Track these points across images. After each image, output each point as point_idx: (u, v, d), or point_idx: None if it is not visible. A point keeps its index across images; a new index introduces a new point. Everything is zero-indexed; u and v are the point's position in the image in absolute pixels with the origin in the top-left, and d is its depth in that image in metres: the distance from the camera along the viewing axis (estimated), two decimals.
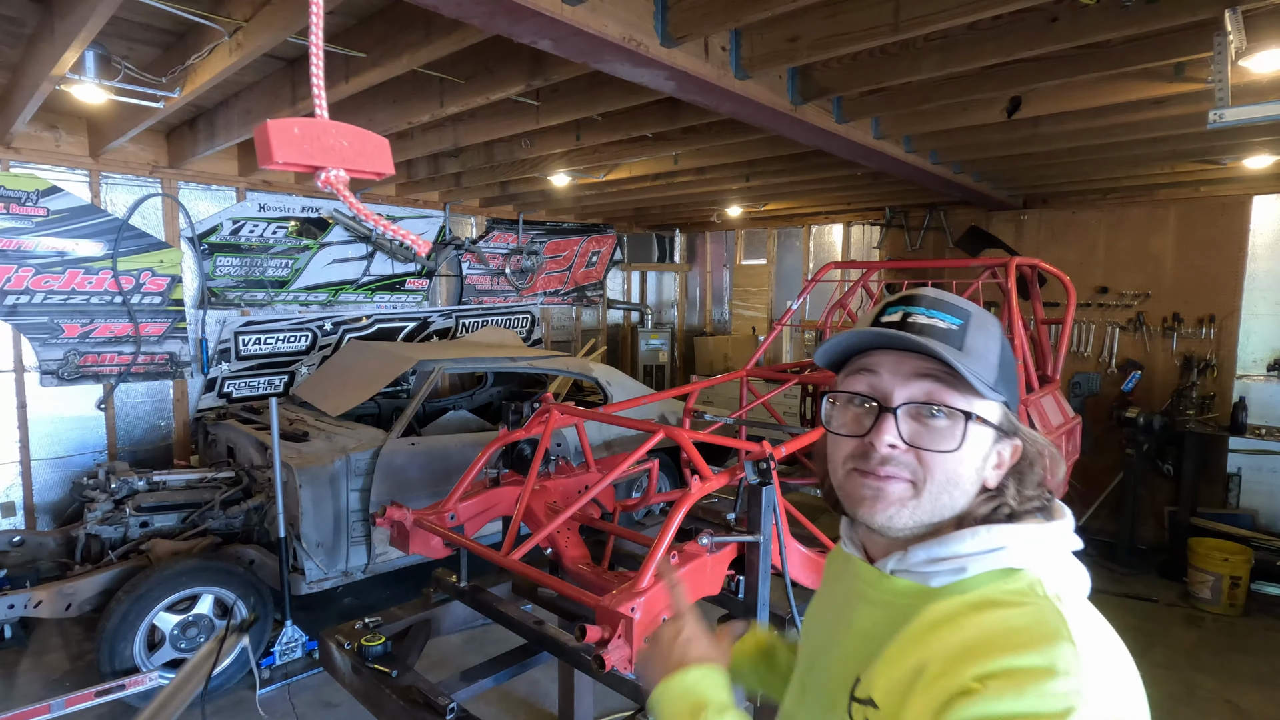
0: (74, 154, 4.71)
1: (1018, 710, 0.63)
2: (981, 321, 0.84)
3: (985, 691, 0.65)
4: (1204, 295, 5.54)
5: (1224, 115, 2.53)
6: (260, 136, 0.83)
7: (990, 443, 0.82)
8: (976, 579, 0.78)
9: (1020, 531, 0.80)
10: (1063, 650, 0.66)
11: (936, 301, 0.84)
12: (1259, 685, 3.88)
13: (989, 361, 0.82)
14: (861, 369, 0.85)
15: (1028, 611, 0.72)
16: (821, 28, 2.60)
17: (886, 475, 0.81)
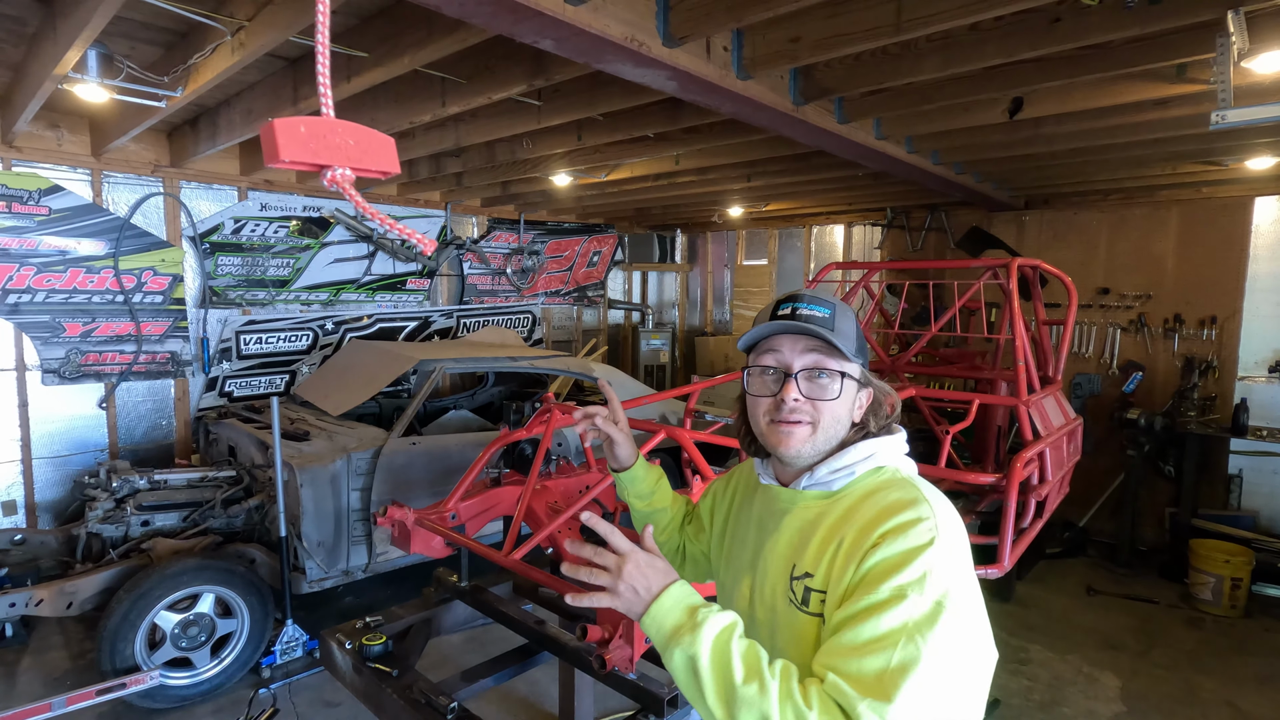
0: (76, 153, 4.72)
1: (904, 548, 1.01)
2: (843, 310, 1.21)
3: (882, 542, 1.03)
4: (1205, 296, 5.53)
5: (1226, 116, 2.53)
6: (267, 135, 0.83)
7: (855, 391, 1.20)
8: (860, 478, 1.17)
9: (881, 443, 1.19)
10: (921, 506, 1.06)
11: (813, 298, 1.20)
12: (1260, 686, 3.88)
13: (851, 336, 1.17)
14: (768, 349, 1.20)
15: (897, 489, 1.12)
16: (823, 28, 2.60)
17: (794, 420, 1.16)
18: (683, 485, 4.21)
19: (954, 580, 1.00)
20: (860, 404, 1.21)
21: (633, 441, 1.53)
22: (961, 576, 1.02)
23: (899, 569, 0.99)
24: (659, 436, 2.53)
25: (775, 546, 1.21)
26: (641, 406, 4.24)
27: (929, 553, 1.00)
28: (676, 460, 5.07)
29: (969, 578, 1.04)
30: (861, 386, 1.20)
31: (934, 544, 1.01)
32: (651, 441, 2.53)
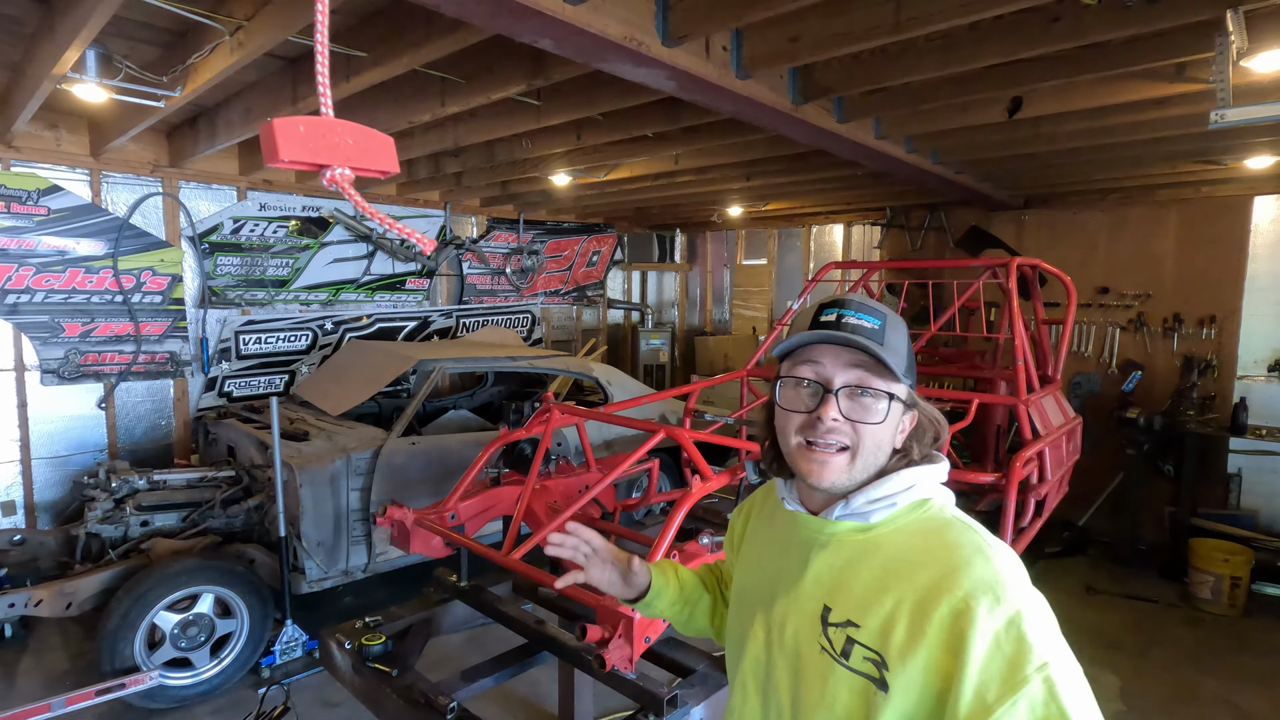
0: (75, 153, 4.71)
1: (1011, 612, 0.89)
2: (894, 322, 1.06)
3: (978, 605, 0.89)
4: (1205, 296, 5.54)
5: (1225, 115, 2.53)
6: (266, 135, 0.82)
7: (900, 414, 1.06)
8: (901, 511, 1.03)
9: (923, 472, 1.05)
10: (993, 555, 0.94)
11: (861, 305, 1.05)
12: (1259, 686, 3.88)
13: (901, 353, 1.04)
14: (807, 360, 1.05)
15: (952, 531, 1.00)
16: (822, 27, 2.60)
17: (829, 445, 1.02)
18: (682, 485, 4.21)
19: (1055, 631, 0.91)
20: (904, 428, 1.07)
21: (631, 560, 1.29)
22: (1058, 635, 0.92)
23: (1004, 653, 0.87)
24: (658, 436, 2.53)
25: (801, 583, 1.06)
26: (641, 406, 4.24)
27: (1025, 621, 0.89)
28: (676, 460, 5.07)
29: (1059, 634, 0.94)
30: (907, 409, 1.07)
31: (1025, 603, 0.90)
32: (651, 441, 2.53)
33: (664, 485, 5.23)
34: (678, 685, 1.99)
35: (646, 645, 1.90)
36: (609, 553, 1.27)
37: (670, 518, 2.02)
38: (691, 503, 2.10)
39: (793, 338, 1.07)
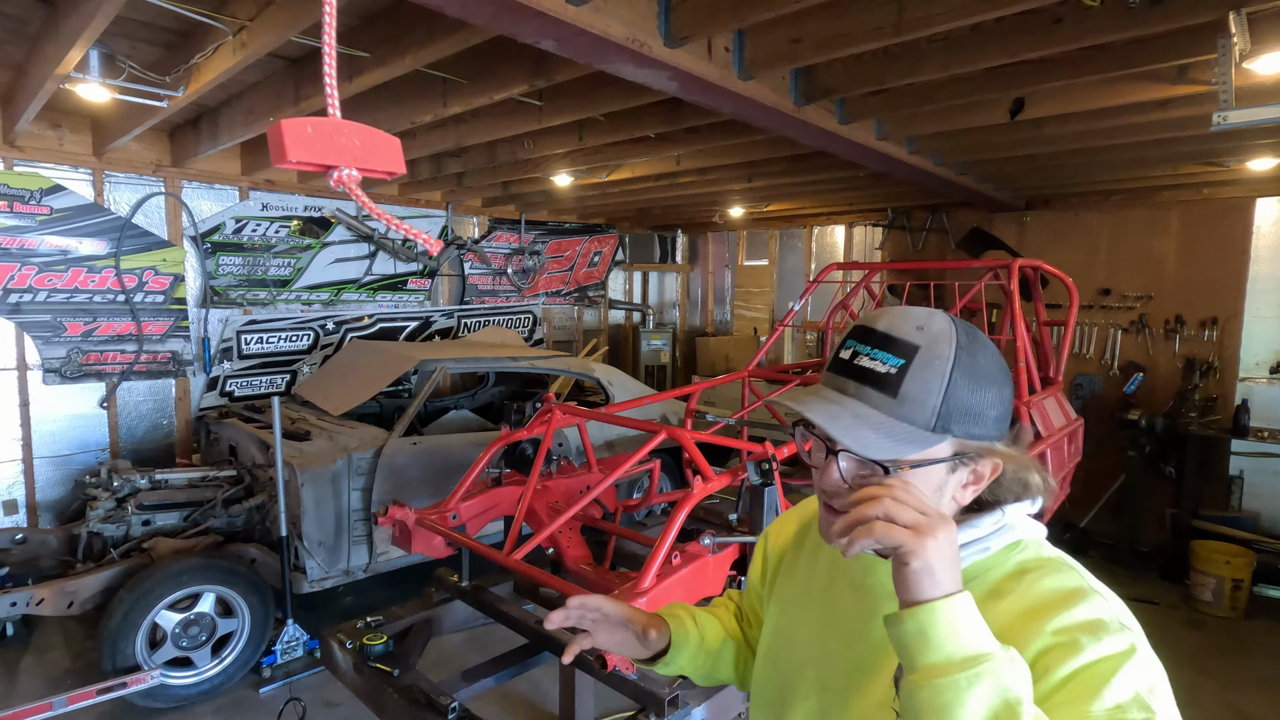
0: (77, 153, 4.72)
1: (1106, 653, 0.75)
2: (929, 358, 0.83)
3: (1070, 641, 0.76)
4: (1206, 297, 5.53)
5: (1228, 117, 2.53)
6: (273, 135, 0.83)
7: (943, 474, 0.85)
8: (994, 556, 0.88)
9: (1014, 510, 0.90)
10: (1099, 600, 0.81)
11: (885, 339, 0.85)
12: (1261, 688, 3.88)
13: (927, 403, 0.82)
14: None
15: (1052, 573, 0.85)
16: (825, 29, 2.60)
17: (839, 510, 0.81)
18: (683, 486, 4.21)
19: (1169, 703, 0.76)
20: (970, 480, 0.86)
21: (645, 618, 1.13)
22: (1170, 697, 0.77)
23: (1107, 681, 0.74)
24: (660, 436, 2.53)
25: (868, 637, 0.90)
26: (642, 407, 4.24)
27: (1134, 664, 0.75)
28: (677, 460, 5.07)
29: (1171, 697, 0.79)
30: (963, 463, 0.85)
31: (1137, 654, 0.76)
32: (652, 442, 2.53)
33: (665, 486, 5.23)
34: (678, 685, 1.99)
35: None
36: (620, 615, 1.11)
37: (671, 518, 2.03)
38: (693, 503, 2.10)
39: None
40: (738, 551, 2.13)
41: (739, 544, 2.10)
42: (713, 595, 2.12)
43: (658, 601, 1.89)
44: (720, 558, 2.09)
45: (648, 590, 1.87)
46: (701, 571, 2.04)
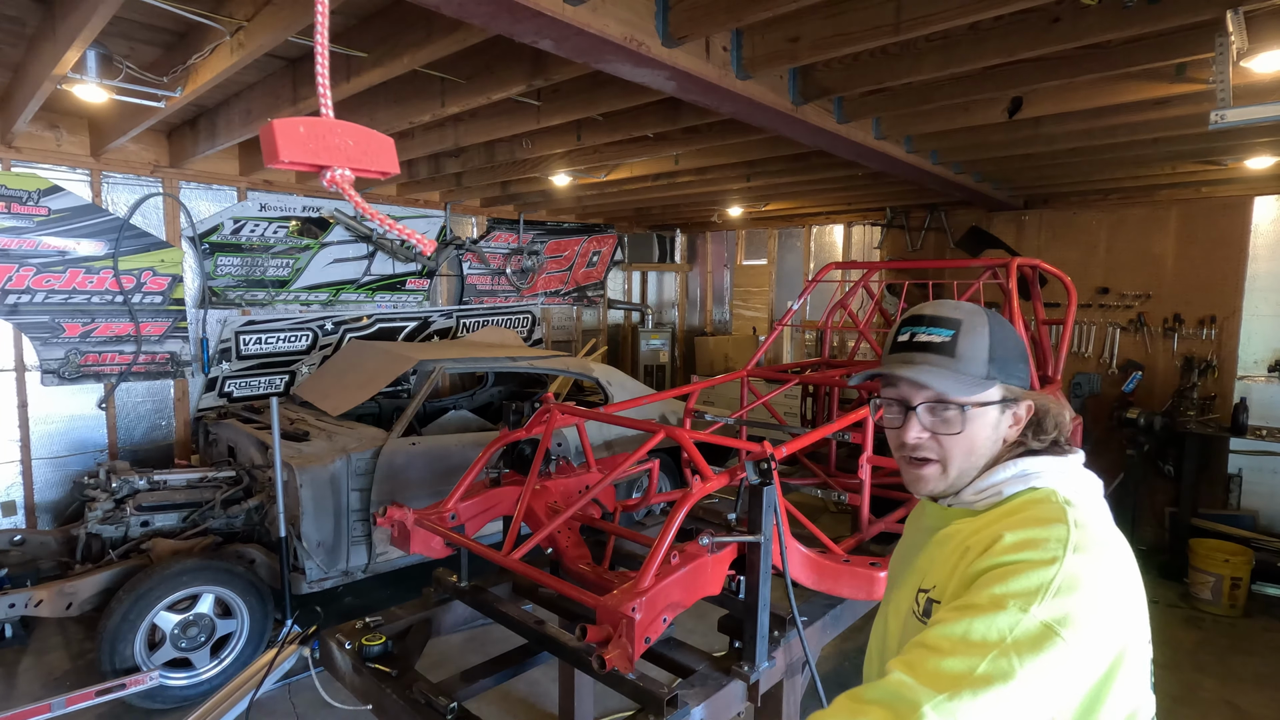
0: (75, 153, 4.71)
1: (1020, 558, 0.91)
2: (971, 325, 1.10)
3: (999, 548, 0.94)
4: (1205, 296, 5.54)
5: (1225, 116, 2.53)
6: (266, 136, 0.83)
7: (997, 413, 1.09)
8: (1010, 498, 1.07)
9: (1039, 461, 1.07)
10: (1057, 526, 0.94)
11: (934, 319, 1.11)
12: (1259, 686, 3.88)
13: (979, 359, 1.08)
14: (889, 382, 1.14)
15: (1041, 507, 1.00)
16: (823, 28, 2.60)
17: (921, 459, 1.11)
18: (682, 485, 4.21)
19: (1083, 615, 0.86)
20: (1012, 421, 1.10)
21: None
22: (1100, 621, 0.88)
23: (1006, 578, 0.89)
24: (659, 436, 2.53)
25: (914, 562, 1.17)
26: (641, 406, 4.24)
27: (1048, 570, 0.88)
28: (676, 460, 5.07)
29: (1117, 633, 0.90)
30: (1008, 405, 1.09)
31: (1057, 563, 0.89)
32: (651, 442, 2.53)
33: (664, 485, 5.23)
34: (678, 685, 1.98)
35: (647, 645, 1.90)
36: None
37: (670, 518, 2.02)
38: (692, 503, 2.10)
39: (865, 371, 1.22)
40: (736, 551, 2.12)
41: (737, 543, 2.10)
42: (712, 594, 2.12)
43: (657, 600, 1.89)
44: (719, 557, 2.08)
45: (647, 590, 1.87)
46: (701, 571, 2.04)
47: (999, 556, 0.93)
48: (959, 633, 0.86)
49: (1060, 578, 0.87)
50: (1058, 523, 0.94)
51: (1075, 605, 0.86)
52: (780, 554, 2.08)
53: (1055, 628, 0.84)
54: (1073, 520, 0.95)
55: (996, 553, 0.94)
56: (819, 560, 2.42)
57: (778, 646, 2.17)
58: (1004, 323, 1.12)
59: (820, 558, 2.43)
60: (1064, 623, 0.85)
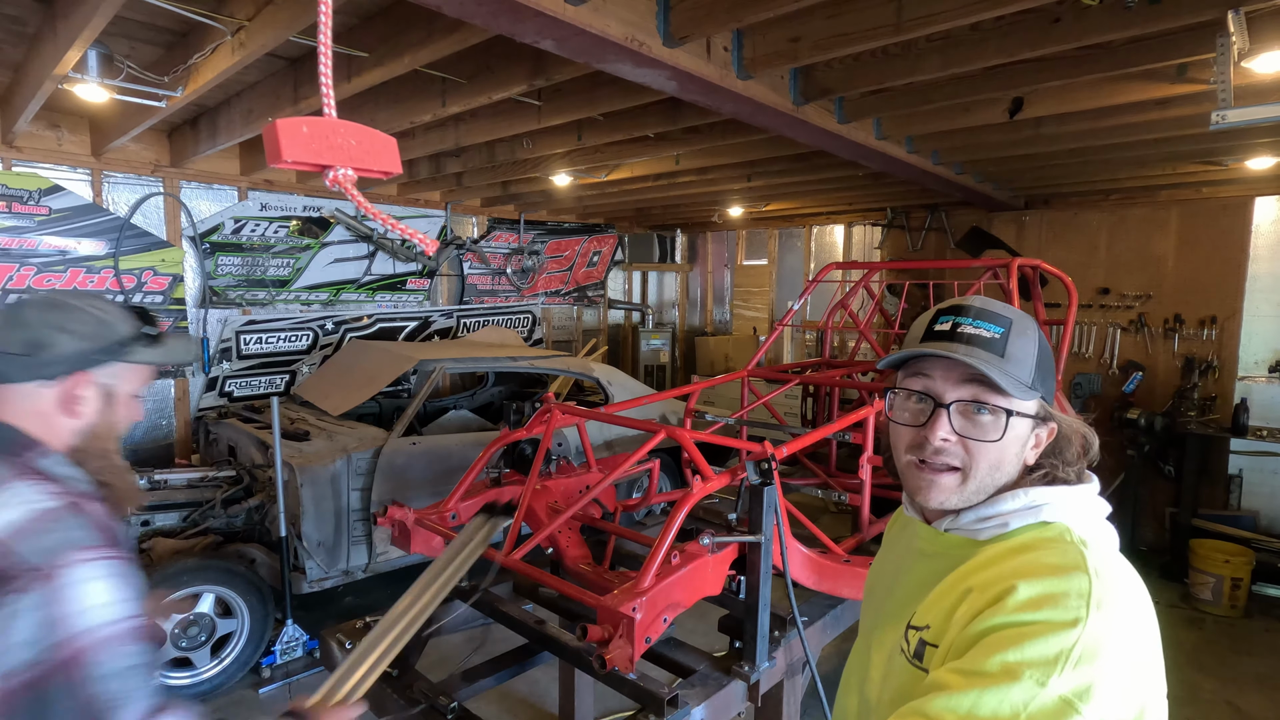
0: (76, 153, 4.71)
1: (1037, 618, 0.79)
2: (1021, 327, 0.97)
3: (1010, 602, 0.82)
4: (1205, 296, 5.53)
5: (1226, 116, 2.53)
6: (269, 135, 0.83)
7: (1029, 429, 0.97)
8: (1016, 531, 0.94)
9: (1052, 492, 0.95)
10: (1077, 576, 0.82)
11: (982, 311, 0.97)
12: (1260, 686, 3.88)
13: (1027, 365, 0.95)
14: (918, 372, 1.00)
15: (1055, 550, 0.88)
16: (824, 28, 2.60)
17: (940, 466, 0.97)
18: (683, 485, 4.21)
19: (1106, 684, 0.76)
20: (1035, 443, 0.98)
21: None
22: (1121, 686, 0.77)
23: (1021, 641, 0.77)
24: (659, 436, 2.53)
25: (902, 589, 1.04)
26: (641, 406, 4.24)
27: (1069, 634, 0.77)
28: (676, 460, 5.07)
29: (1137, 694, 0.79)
30: (1039, 423, 0.97)
31: (1080, 625, 0.77)
32: (652, 441, 2.53)
33: (665, 485, 5.23)
34: (678, 685, 1.99)
35: (647, 645, 1.90)
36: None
37: (671, 518, 2.02)
38: (692, 503, 2.10)
39: (901, 351, 1.02)
40: (737, 551, 2.12)
41: (738, 543, 2.10)
42: (712, 594, 2.12)
43: (657, 600, 1.89)
44: (719, 557, 2.08)
45: (647, 589, 1.87)
46: (701, 571, 2.04)
47: (1013, 615, 0.81)
48: (965, 707, 0.76)
49: (1083, 644, 0.77)
50: (1077, 572, 0.82)
51: (1098, 674, 0.76)
52: (781, 554, 2.08)
53: (1075, 703, 0.74)
54: (1093, 569, 0.83)
55: (1010, 609, 0.81)
56: (819, 560, 2.42)
57: (778, 646, 2.17)
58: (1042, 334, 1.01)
59: (821, 558, 2.43)
60: (1085, 696, 0.75)
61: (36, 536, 1.04)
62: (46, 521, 1.06)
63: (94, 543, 1.08)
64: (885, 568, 1.16)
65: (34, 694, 0.98)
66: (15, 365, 1.17)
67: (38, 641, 0.98)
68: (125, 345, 1.24)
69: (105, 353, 1.22)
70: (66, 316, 1.20)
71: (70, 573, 1.02)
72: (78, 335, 1.20)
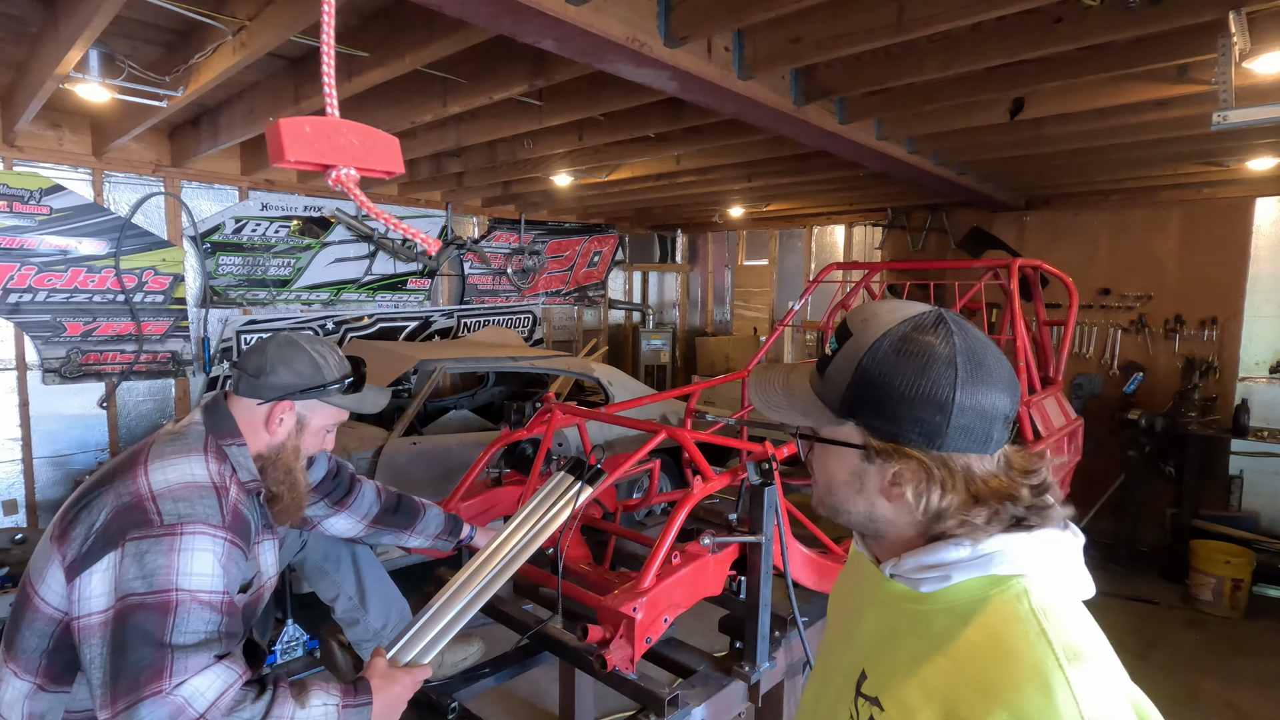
0: (77, 152, 4.72)
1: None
2: (853, 345, 0.85)
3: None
4: (1206, 297, 5.53)
5: (1228, 117, 2.53)
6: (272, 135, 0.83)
7: (858, 460, 0.86)
8: (962, 585, 0.82)
9: (1002, 541, 0.81)
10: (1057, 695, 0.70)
11: (841, 326, 0.89)
12: (1260, 687, 3.88)
13: (839, 386, 0.85)
14: None
15: (1020, 638, 0.76)
16: (825, 28, 2.60)
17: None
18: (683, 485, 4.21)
19: None
20: (892, 482, 0.85)
21: None
22: None
23: None
24: (660, 436, 2.53)
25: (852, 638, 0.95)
26: (642, 406, 4.24)
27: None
28: (677, 460, 5.07)
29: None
30: (877, 458, 0.84)
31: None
32: (652, 442, 2.53)
33: (665, 486, 5.23)
34: (679, 686, 1.98)
35: (648, 645, 1.90)
36: None
37: (671, 518, 2.02)
38: (693, 503, 2.10)
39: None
40: (737, 551, 2.12)
41: (738, 544, 2.10)
42: (713, 595, 2.12)
43: (658, 600, 1.89)
44: (720, 557, 2.08)
45: (648, 590, 1.87)
46: (702, 571, 2.04)
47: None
48: None
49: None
50: (1052, 684, 0.71)
51: None
52: (781, 554, 2.08)
53: None
54: (1069, 676, 0.71)
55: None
56: (820, 560, 2.42)
57: (779, 647, 2.17)
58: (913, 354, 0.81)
59: (821, 558, 2.43)
60: None
61: (179, 501, 1.29)
62: (191, 491, 1.32)
63: (218, 523, 1.32)
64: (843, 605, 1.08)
65: (123, 624, 1.17)
66: (246, 383, 1.52)
67: (146, 579, 1.20)
68: (326, 388, 1.55)
69: (309, 391, 1.54)
70: (294, 354, 1.53)
71: (190, 539, 1.25)
72: (293, 372, 1.52)
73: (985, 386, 0.80)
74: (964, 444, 0.81)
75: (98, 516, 1.27)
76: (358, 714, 1.34)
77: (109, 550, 1.23)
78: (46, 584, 1.29)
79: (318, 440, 1.65)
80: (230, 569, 1.32)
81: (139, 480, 1.31)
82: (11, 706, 1.30)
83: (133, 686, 1.13)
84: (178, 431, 1.46)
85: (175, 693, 1.13)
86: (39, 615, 1.29)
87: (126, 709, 1.11)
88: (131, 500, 1.28)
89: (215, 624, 1.24)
